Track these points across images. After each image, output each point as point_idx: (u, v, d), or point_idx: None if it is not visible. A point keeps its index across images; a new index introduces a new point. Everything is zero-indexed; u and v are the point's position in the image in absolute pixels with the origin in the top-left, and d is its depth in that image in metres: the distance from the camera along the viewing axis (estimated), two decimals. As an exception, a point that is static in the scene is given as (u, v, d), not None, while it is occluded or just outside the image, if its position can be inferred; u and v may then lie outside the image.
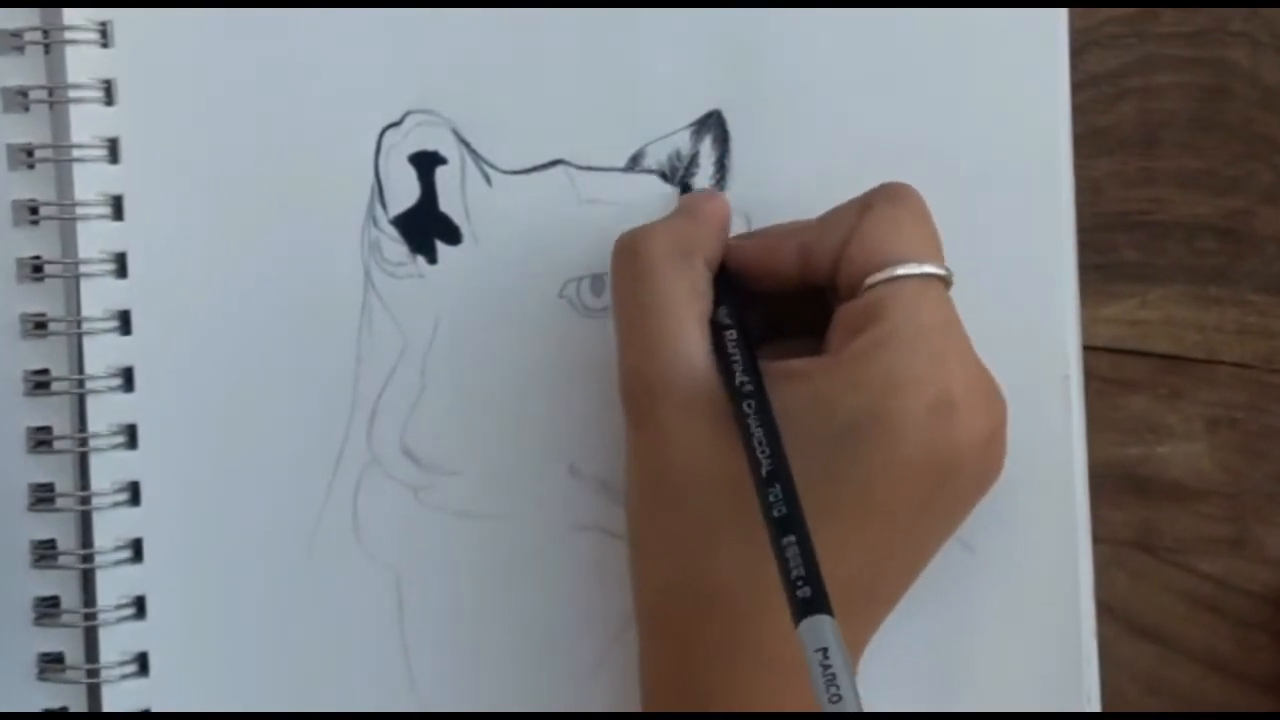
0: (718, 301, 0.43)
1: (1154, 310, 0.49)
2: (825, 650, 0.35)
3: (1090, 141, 0.49)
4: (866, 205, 0.42)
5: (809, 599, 0.36)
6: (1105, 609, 0.47)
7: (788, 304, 0.44)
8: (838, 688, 0.34)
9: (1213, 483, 0.49)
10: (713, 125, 0.46)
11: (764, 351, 0.42)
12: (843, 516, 0.40)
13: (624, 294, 0.43)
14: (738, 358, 0.41)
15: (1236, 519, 0.49)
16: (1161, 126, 0.50)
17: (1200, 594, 0.49)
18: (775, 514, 0.38)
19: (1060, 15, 0.47)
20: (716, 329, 0.42)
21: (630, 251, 0.43)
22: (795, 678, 0.37)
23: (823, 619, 0.36)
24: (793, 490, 0.38)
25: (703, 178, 0.46)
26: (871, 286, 0.41)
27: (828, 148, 0.46)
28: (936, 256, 0.42)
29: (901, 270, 0.41)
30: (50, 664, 0.45)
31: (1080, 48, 0.48)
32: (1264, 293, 0.50)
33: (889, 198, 0.42)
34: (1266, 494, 0.49)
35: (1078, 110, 0.47)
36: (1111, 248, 0.49)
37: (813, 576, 0.37)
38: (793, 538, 0.37)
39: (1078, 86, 0.47)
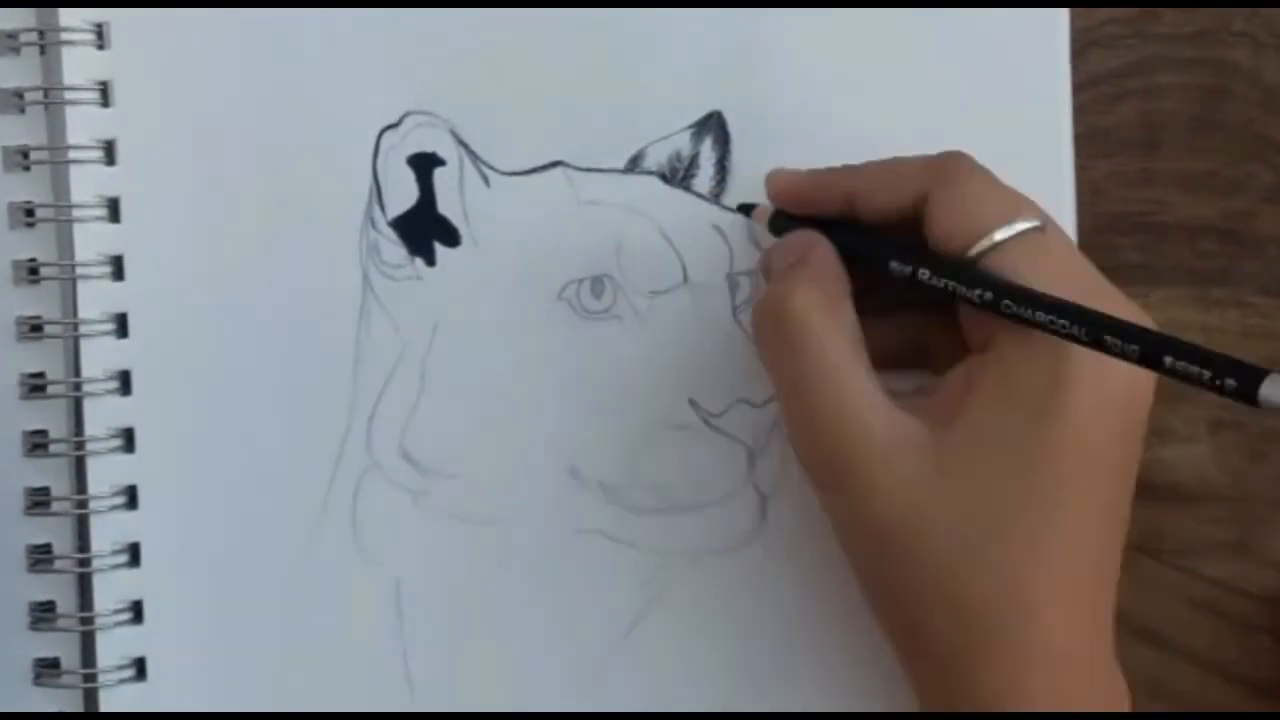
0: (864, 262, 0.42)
1: (1156, 313, 0.48)
2: None
3: (1091, 142, 0.49)
4: (927, 182, 0.42)
5: (1241, 376, 0.35)
6: None
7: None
8: None
9: (1216, 486, 0.49)
10: (713, 126, 0.46)
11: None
12: (1059, 495, 0.39)
13: (783, 358, 0.42)
14: (944, 282, 0.41)
15: (1240, 522, 0.49)
16: (1163, 127, 0.50)
17: (1203, 598, 0.49)
18: (1131, 354, 0.37)
19: (1061, 16, 0.47)
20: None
21: (779, 315, 0.42)
22: (1069, 672, 0.39)
23: (1271, 376, 0.35)
24: (1107, 319, 0.38)
25: (703, 179, 0.46)
26: (975, 259, 0.41)
27: (828, 149, 0.45)
28: (1023, 210, 0.41)
29: (998, 235, 0.40)
30: (47, 669, 0.44)
31: (1081, 48, 0.48)
32: (1266, 294, 0.50)
33: (949, 172, 0.42)
34: (1270, 497, 0.49)
35: (1078, 111, 0.47)
36: (1113, 249, 0.49)
37: (1222, 362, 0.36)
38: (1168, 356, 0.37)
39: (1078, 87, 0.47)
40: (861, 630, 0.43)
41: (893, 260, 0.42)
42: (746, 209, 0.45)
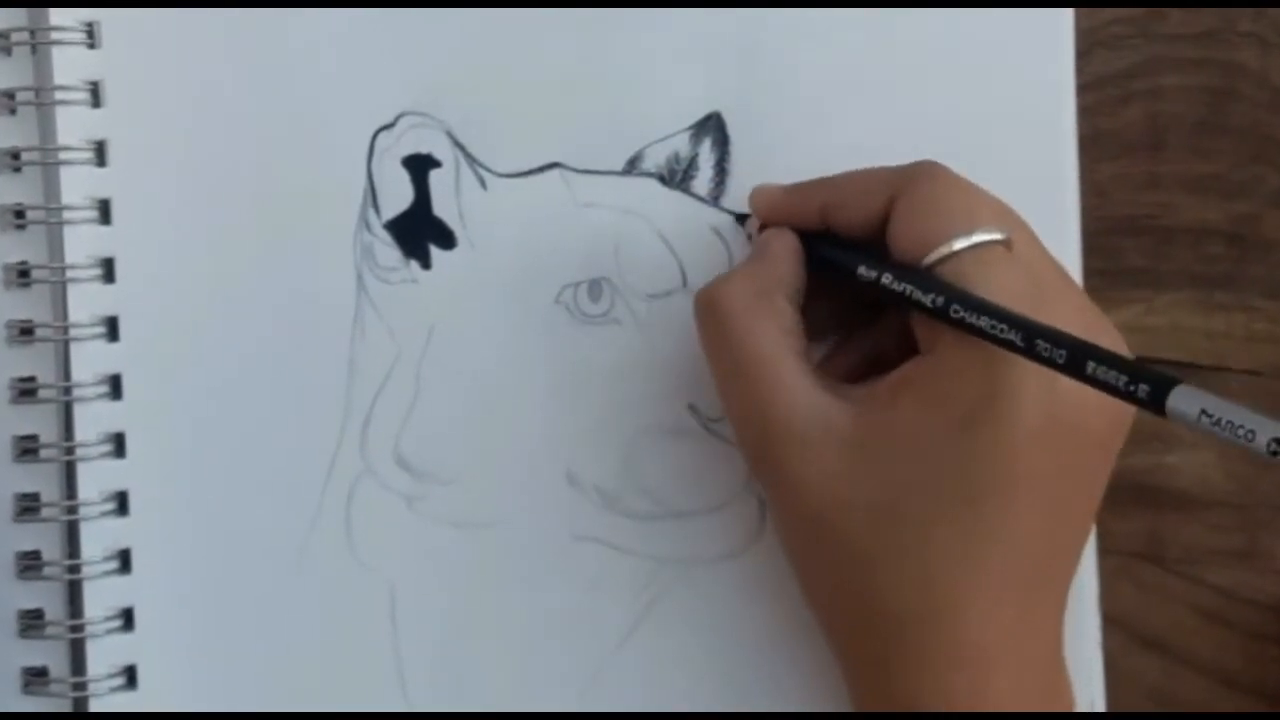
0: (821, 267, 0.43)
1: (1161, 317, 0.49)
2: (1204, 410, 0.35)
3: (1096, 144, 0.49)
4: (895, 187, 0.42)
5: (1153, 384, 0.36)
6: (1112, 621, 0.47)
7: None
8: (1244, 427, 0.34)
9: (1221, 493, 0.49)
10: (712, 128, 0.46)
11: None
12: (991, 502, 0.40)
13: (715, 350, 0.43)
14: (902, 287, 0.41)
15: (1245, 529, 0.49)
16: (1168, 129, 0.50)
17: (1208, 606, 0.49)
18: (1058, 360, 0.38)
19: (1066, 16, 0.47)
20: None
21: (710, 306, 0.43)
22: (991, 673, 0.39)
23: (1178, 387, 0.35)
24: (1041, 326, 0.38)
25: (702, 181, 0.46)
26: (931, 268, 0.41)
27: (828, 150, 0.45)
28: (986, 221, 0.41)
29: (957, 244, 0.41)
30: (36, 678, 0.44)
31: (1086, 49, 0.48)
32: (1272, 299, 0.50)
33: (916, 178, 0.42)
34: (1276, 504, 0.49)
35: (1083, 113, 0.47)
36: (1117, 253, 0.49)
37: (1137, 370, 0.36)
38: (1091, 362, 0.37)
39: (1083, 89, 0.47)
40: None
41: (860, 266, 0.42)
42: (741, 219, 0.46)
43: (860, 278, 0.42)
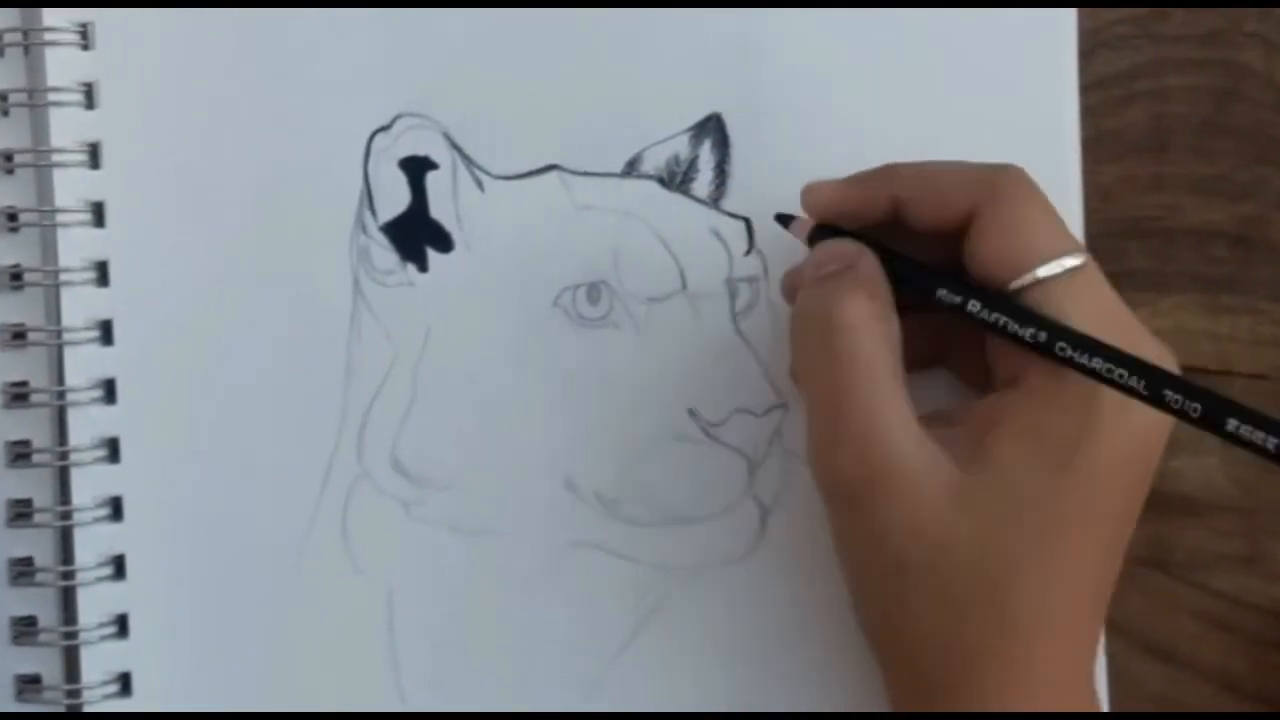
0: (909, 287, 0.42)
1: (1165, 319, 0.49)
2: None
3: (1099, 146, 0.49)
4: (979, 197, 0.41)
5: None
6: (1116, 627, 0.47)
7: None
8: None
9: (1226, 498, 0.49)
10: (712, 129, 0.46)
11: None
12: (1074, 537, 0.40)
13: (823, 371, 0.41)
14: (995, 317, 0.40)
15: (1249, 535, 0.49)
16: (1172, 130, 0.50)
17: (1213, 612, 0.49)
18: (1193, 413, 0.38)
19: (1069, 17, 0.47)
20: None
21: (827, 323, 0.41)
22: (1055, 702, 0.40)
23: None
24: (1174, 377, 0.39)
25: (702, 183, 0.46)
26: (1017, 293, 0.40)
27: (829, 152, 0.45)
28: (1070, 245, 0.41)
29: (1042, 272, 0.40)
30: (29, 685, 0.44)
31: (1089, 50, 0.48)
32: (1278, 301, 0.50)
33: (1004, 191, 0.41)
34: None
35: (1086, 114, 0.47)
36: (1121, 255, 0.49)
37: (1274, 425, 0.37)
38: (1232, 420, 0.37)
39: (1086, 89, 0.47)
40: (862, 643, 0.43)
41: (940, 289, 0.41)
42: (785, 220, 0.44)
43: (941, 301, 0.41)
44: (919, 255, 0.42)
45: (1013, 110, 0.47)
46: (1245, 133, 0.49)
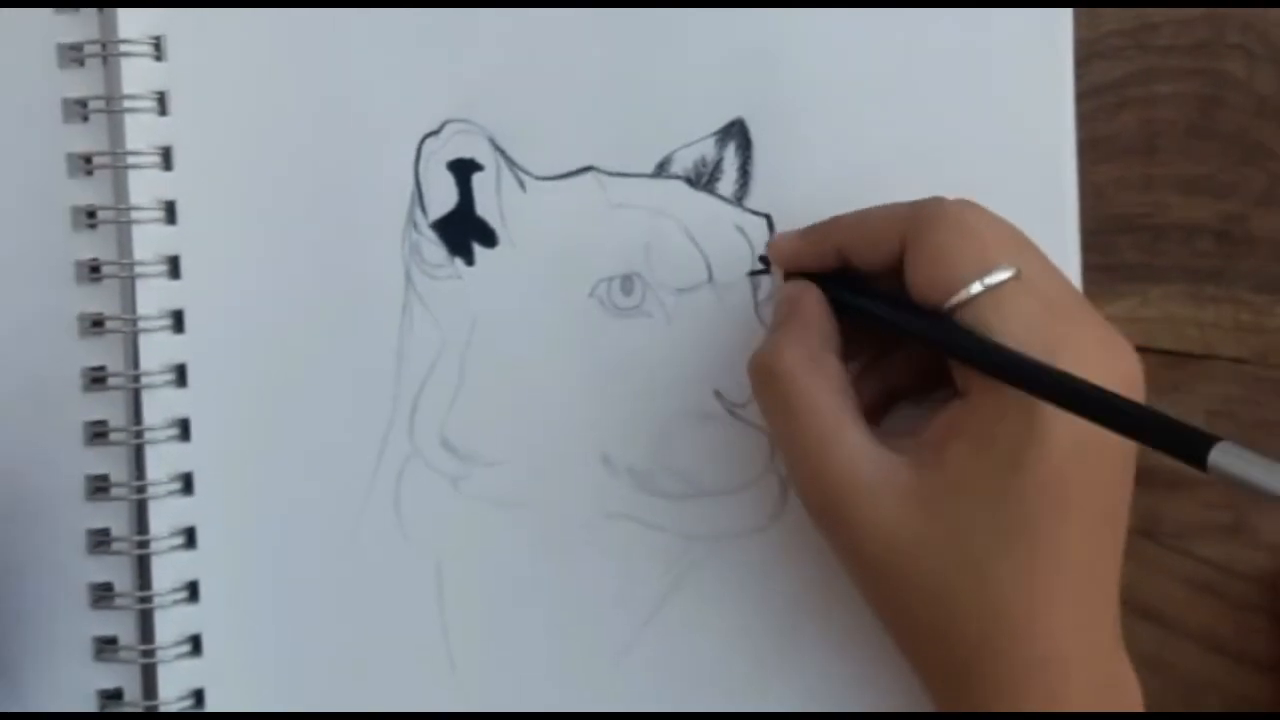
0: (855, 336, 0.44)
1: (1154, 309, 0.50)
2: (1242, 468, 0.35)
3: (1094, 149, 0.49)
4: (906, 231, 0.43)
5: (1193, 442, 0.36)
6: None
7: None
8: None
9: None
10: (736, 133, 0.47)
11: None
12: (1046, 528, 0.41)
13: (776, 412, 0.43)
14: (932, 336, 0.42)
15: (1234, 507, 0.50)
16: (1161, 134, 0.50)
17: (1200, 578, 0.50)
18: (1101, 415, 0.38)
19: (1066, 28, 0.48)
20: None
21: (767, 372, 0.43)
22: (1066, 673, 0.41)
23: (1217, 445, 0.35)
24: (1077, 384, 0.39)
25: (727, 183, 0.47)
26: (952, 311, 0.41)
27: (846, 154, 0.47)
28: (996, 260, 0.42)
29: (968, 291, 0.41)
30: (107, 645, 0.46)
31: (1084, 59, 0.48)
32: (1259, 292, 0.50)
33: (926, 222, 0.42)
34: None
35: (1082, 119, 0.48)
36: (1114, 249, 0.50)
37: (1176, 426, 0.36)
38: (1124, 421, 0.37)
39: (1082, 96, 0.48)
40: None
41: (881, 316, 0.43)
42: (765, 261, 0.47)
43: (887, 325, 0.43)
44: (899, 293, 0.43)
45: (1015, 116, 0.47)
46: (1229, 136, 0.50)
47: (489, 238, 0.47)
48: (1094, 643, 0.42)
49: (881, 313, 0.43)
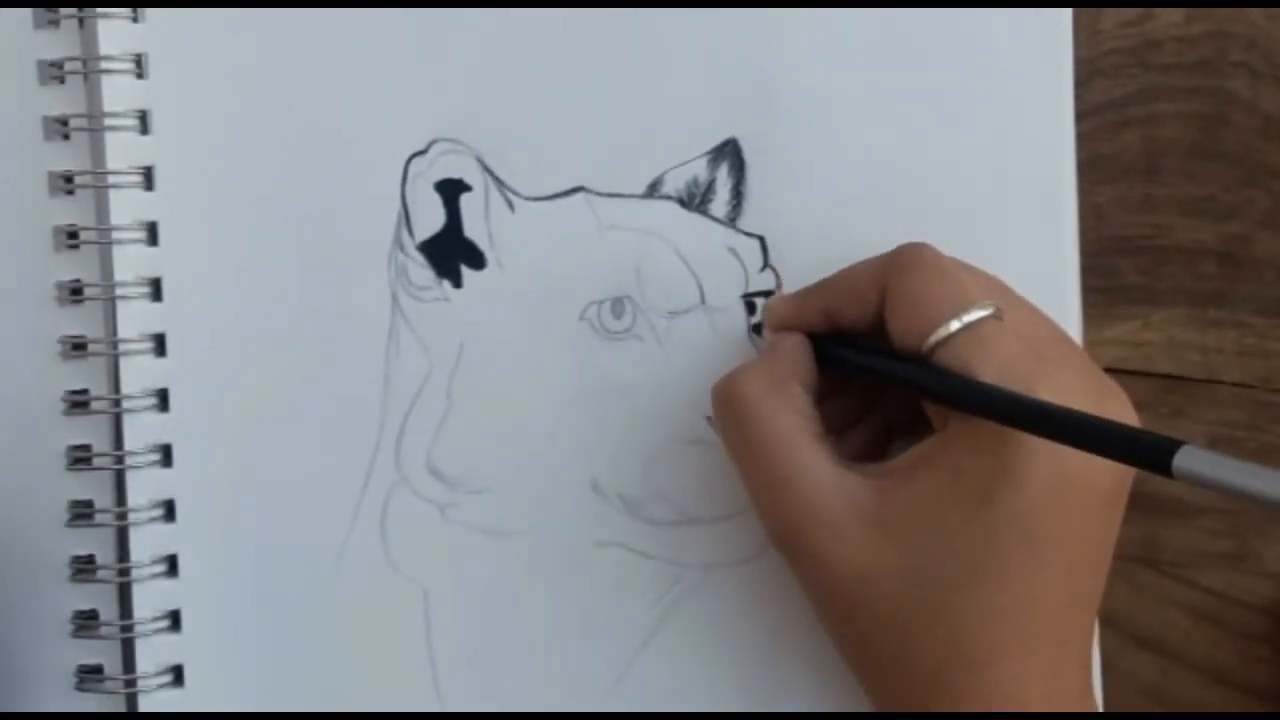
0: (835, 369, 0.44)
1: (1156, 332, 0.50)
2: (1209, 469, 0.34)
3: (1094, 169, 0.49)
4: (884, 280, 0.43)
5: (1156, 449, 0.35)
6: (1109, 621, 0.47)
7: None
8: (1257, 478, 0.34)
9: (1213, 499, 0.49)
10: (729, 153, 0.47)
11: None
12: (1014, 565, 0.40)
13: (736, 438, 0.44)
14: (908, 377, 0.42)
15: (1235, 534, 0.50)
16: (1163, 154, 0.50)
17: (1201, 607, 0.50)
18: (1058, 432, 0.38)
19: (1066, 45, 0.47)
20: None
21: (727, 397, 0.43)
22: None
23: (1180, 450, 0.35)
24: (1037, 403, 0.39)
25: (719, 204, 0.47)
26: (931, 352, 0.42)
27: (841, 175, 0.47)
28: (974, 298, 0.42)
29: (943, 331, 0.41)
30: (90, 675, 0.46)
31: (1084, 78, 0.48)
32: (1262, 315, 0.50)
33: (902, 268, 0.43)
34: (1264, 511, 0.49)
35: (1082, 138, 0.48)
36: (1114, 271, 0.50)
37: (1137, 435, 0.36)
38: (1087, 439, 0.37)
39: (1082, 115, 0.48)
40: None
41: (866, 362, 0.43)
42: (759, 328, 0.47)
43: (869, 371, 0.43)
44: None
45: (1013, 135, 0.47)
46: (1232, 157, 0.50)
47: (477, 259, 0.47)
48: (1061, 690, 0.41)
49: (859, 359, 0.44)
